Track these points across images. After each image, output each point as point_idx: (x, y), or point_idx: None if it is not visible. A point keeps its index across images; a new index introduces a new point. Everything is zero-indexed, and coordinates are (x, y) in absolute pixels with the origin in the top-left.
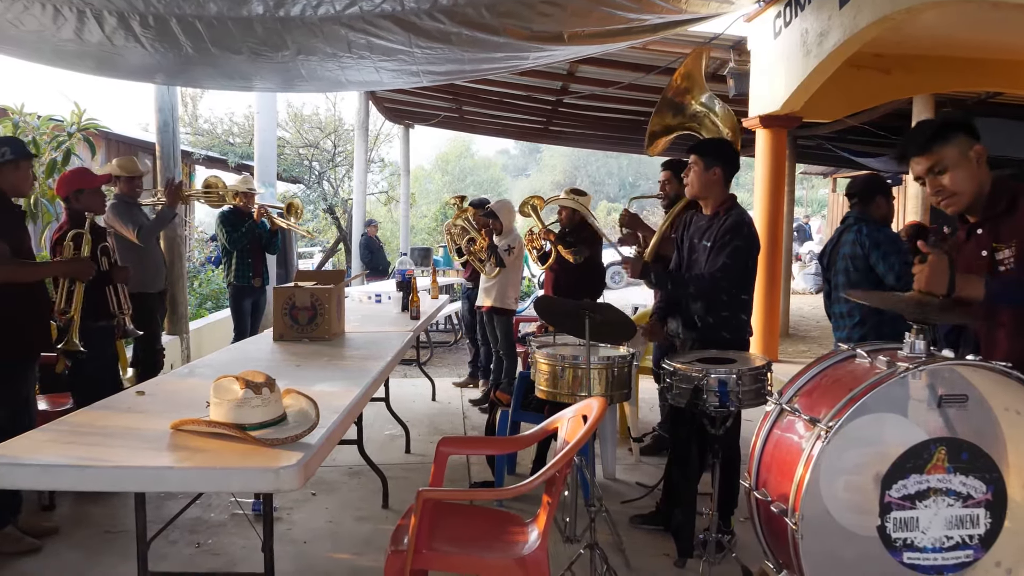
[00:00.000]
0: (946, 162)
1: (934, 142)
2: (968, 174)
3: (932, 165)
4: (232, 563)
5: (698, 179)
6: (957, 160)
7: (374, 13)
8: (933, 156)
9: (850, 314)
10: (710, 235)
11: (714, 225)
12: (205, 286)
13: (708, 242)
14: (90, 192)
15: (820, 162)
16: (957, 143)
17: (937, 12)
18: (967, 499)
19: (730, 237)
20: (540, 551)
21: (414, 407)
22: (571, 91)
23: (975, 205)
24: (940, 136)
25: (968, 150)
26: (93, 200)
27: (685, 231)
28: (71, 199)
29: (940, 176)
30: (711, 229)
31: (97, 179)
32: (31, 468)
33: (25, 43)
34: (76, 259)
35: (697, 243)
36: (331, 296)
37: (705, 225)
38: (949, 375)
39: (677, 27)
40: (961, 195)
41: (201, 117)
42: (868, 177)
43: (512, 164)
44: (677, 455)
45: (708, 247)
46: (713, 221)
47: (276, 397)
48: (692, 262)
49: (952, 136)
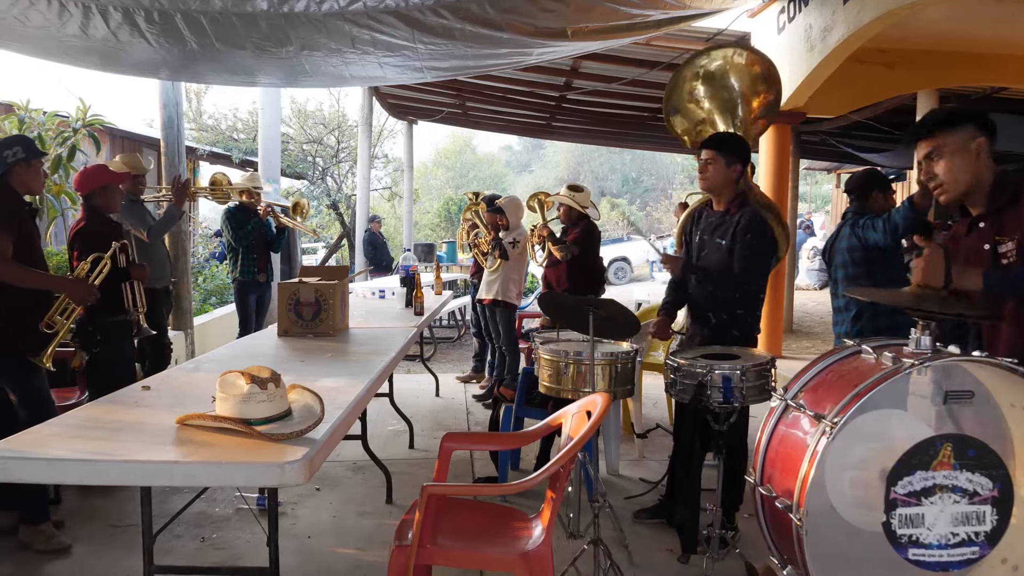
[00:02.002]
0: (944, 149)
1: (938, 127)
2: (964, 164)
3: (931, 150)
4: (236, 557)
5: (719, 175)
6: (956, 149)
7: (378, 9)
8: (934, 141)
9: (847, 308)
10: (723, 232)
11: (726, 222)
12: (209, 282)
13: (722, 240)
14: (109, 189)
15: (824, 158)
16: (962, 133)
17: (941, 7)
18: (973, 496)
19: (751, 237)
20: (544, 547)
21: (418, 403)
22: (574, 87)
23: (972, 198)
24: (946, 123)
25: (971, 142)
26: (112, 197)
27: (694, 226)
28: (94, 195)
29: (935, 162)
30: (723, 226)
31: (116, 177)
32: (37, 462)
33: (30, 39)
34: (79, 280)
35: (708, 239)
36: (335, 292)
37: (716, 222)
38: (955, 371)
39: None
40: (951, 184)
41: (205, 113)
42: (864, 172)
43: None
44: (681, 451)
45: (722, 244)
46: (725, 218)
47: (281, 392)
48: (701, 259)
49: (959, 125)
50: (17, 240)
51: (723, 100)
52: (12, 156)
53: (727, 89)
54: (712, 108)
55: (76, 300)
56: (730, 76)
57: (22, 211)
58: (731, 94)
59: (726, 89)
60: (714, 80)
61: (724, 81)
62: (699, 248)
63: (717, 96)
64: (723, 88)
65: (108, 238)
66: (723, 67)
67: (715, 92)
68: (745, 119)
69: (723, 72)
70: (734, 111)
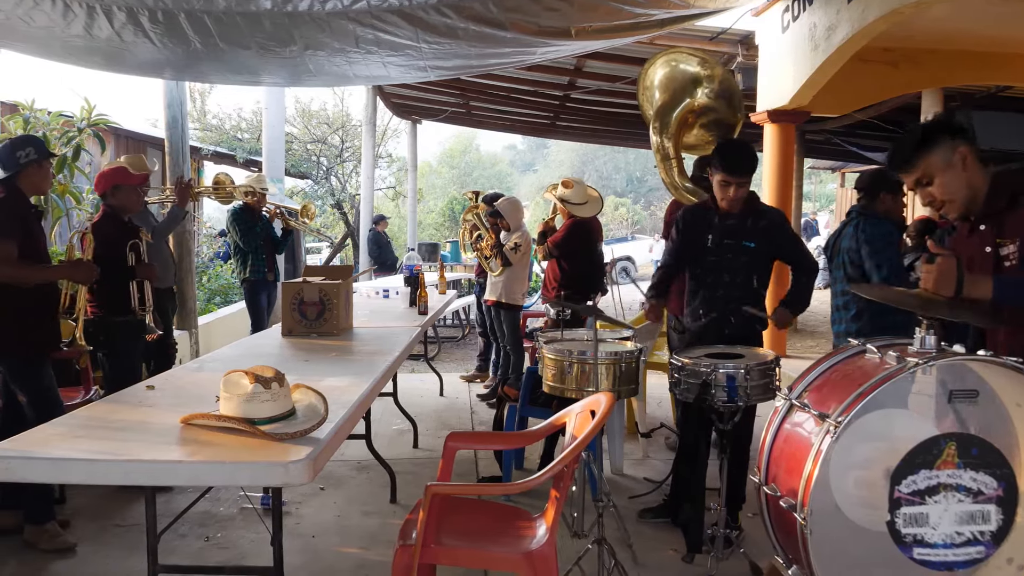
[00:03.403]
0: (932, 171)
1: (916, 154)
2: (955, 179)
3: (919, 177)
4: (241, 556)
5: (746, 192)
6: (942, 167)
7: (381, 8)
8: (918, 168)
9: (846, 307)
10: (751, 235)
11: (749, 224)
12: (214, 281)
13: (752, 243)
14: (127, 189)
15: (828, 157)
16: (940, 149)
17: (946, 6)
18: (978, 495)
19: (792, 233)
20: (548, 546)
21: (422, 402)
22: (578, 86)
23: (972, 206)
24: (921, 146)
25: (952, 155)
26: (129, 197)
27: (701, 232)
28: (108, 195)
29: (928, 187)
30: (747, 229)
31: (134, 178)
32: (42, 462)
33: (35, 39)
34: (78, 262)
35: (732, 243)
36: (339, 291)
37: (736, 224)
38: (960, 370)
39: (685, 22)
40: (953, 201)
41: (209, 113)
42: (875, 172)
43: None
44: (686, 450)
45: (754, 248)
46: (745, 220)
47: (285, 392)
48: (724, 262)
49: (934, 143)
50: (22, 243)
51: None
52: (25, 157)
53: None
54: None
55: (81, 280)
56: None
57: (28, 214)
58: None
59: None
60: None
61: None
62: (718, 252)
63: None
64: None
65: (119, 238)
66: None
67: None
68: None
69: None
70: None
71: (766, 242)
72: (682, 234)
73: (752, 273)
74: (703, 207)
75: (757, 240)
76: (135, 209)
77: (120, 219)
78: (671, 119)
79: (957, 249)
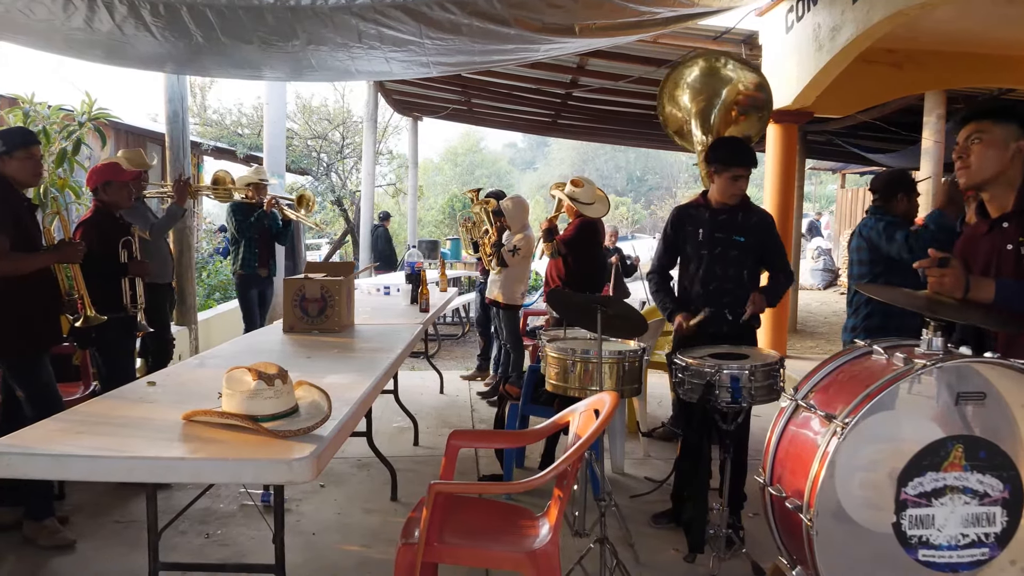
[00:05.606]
0: (984, 136)
1: (988, 116)
2: (996, 158)
3: (971, 133)
4: (241, 554)
5: (747, 184)
6: (994, 141)
7: (385, 3)
8: (978, 126)
9: (856, 304)
10: (741, 230)
11: (740, 219)
12: (213, 277)
13: (742, 237)
14: (118, 185)
15: (829, 158)
16: (1008, 128)
17: (951, 7)
18: (984, 497)
19: (778, 237)
20: (551, 545)
21: (422, 400)
22: (580, 84)
23: (991, 194)
24: (996, 113)
25: (1012, 140)
26: (120, 194)
27: (692, 228)
28: (99, 191)
29: (972, 145)
30: (738, 224)
31: (126, 174)
32: (42, 458)
33: (35, 32)
34: (62, 243)
35: (723, 236)
36: (341, 288)
37: (727, 219)
38: (967, 372)
39: (689, 20)
40: (976, 170)
41: (210, 107)
42: (892, 173)
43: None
44: (688, 450)
45: (743, 242)
46: (736, 215)
47: (288, 389)
48: (716, 256)
49: (1009, 120)
50: (13, 235)
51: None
52: None
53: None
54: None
55: (70, 259)
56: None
57: (19, 206)
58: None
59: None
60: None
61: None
62: (709, 245)
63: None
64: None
65: (110, 234)
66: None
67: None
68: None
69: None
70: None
71: (755, 239)
72: (675, 231)
73: (743, 268)
74: (693, 205)
75: (747, 235)
76: (126, 205)
77: (112, 215)
78: (712, 116)
79: (968, 248)
